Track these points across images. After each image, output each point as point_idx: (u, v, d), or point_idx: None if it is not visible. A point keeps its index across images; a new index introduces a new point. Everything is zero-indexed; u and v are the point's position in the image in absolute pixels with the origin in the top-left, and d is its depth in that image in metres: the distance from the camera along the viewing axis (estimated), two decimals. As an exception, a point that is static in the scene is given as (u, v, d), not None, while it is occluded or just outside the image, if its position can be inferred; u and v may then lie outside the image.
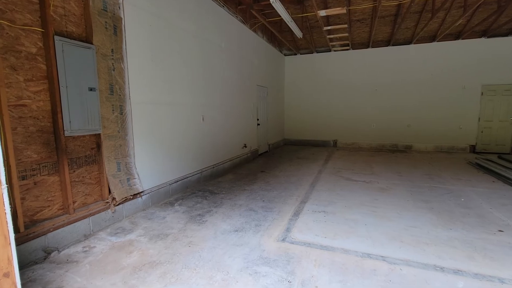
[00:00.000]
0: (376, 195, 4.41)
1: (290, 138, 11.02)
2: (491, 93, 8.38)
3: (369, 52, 9.59)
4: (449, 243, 2.82)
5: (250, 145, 7.58)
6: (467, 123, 8.72)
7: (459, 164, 6.82)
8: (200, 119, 5.20)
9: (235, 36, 6.44)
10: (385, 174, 5.79)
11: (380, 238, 2.93)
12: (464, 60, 8.53)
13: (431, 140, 9.13)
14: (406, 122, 9.34)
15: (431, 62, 8.87)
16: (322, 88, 10.35)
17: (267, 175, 5.81)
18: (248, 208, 3.88)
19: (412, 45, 9.00)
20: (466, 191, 4.59)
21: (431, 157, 7.96)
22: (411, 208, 3.82)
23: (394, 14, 7.63)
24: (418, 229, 3.14)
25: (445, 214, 3.57)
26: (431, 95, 8.98)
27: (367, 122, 9.85)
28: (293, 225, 3.30)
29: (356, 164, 6.87)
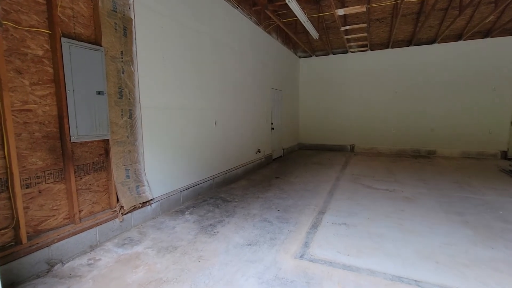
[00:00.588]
0: (401, 205, 4.05)
1: (305, 142, 10.69)
2: (524, 94, 7.74)
3: (388, 52, 9.16)
4: (492, 265, 2.46)
5: (264, 149, 7.35)
6: (497, 127, 8.09)
7: (490, 172, 6.28)
8: (212, 124, 5.03)
9: (249, 38, 6.27)
10: (409, 182, 5.38)
11: (411, 257, 2.60)
12: (494, 59, 7.95)
13: (457, 145, 8.55)
14: (429, 126, 8.81)
15: (457, 62, 8.34)
16: (338, 91, 9.99)
17: (281, 182, 5.55)
18: (262, 218, 3.64)
19: (436, 44, 8.50)
20: (503, 202, 4.14)
21: (458, 163, 7.42)
22: (443, 221, 3.44)
23: (416, 12, 7.23)
24: (454, 247, 2.78)
25: (483, 230, 3.18)
26: (457, 97, 8.42)
27: (386, 126, 9.38)
28: (311, 239, 3.02)
29: (377, 171, 6.48)
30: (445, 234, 3.08)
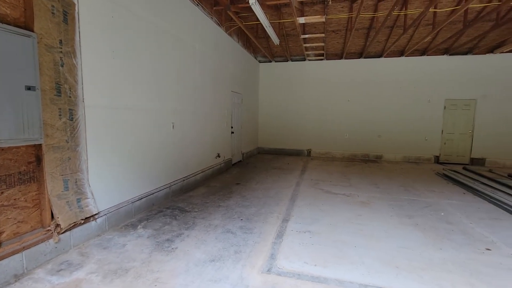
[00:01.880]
0: (359, 210, 4.22)
1: (264, 146, 10.74)
2: (452, 107, 8.92)
3: (342, 63, 9.75)
4: (443, 266, 2.64)
5: (223, 154, 7.11)
6: (432, 135, 9.16)
7: (428, 175, 7.03)
8: (170, 127, 4.64)
9: (210, 37, 6.02)
10: (363, 186, 5.69)
11: (374, 263, 2.66)
12: (429, 75, 9.00)
13: (400, 150, 9.44)
14: (377, 133, 9.58)
15: (400, 76, 9.24)
16: (296, 97, 10.27)
17: (243, 188, 5.39)
18: (225, 229, 3.42)
19: (383, 58, 9.31)
20: (442, 204, 4.60)
21: (401, 167, 8.17)
22: (397, 225, 3.65)
23: (367, 28, 7.79)
24: (410, 250, 2.94)
25: (431, 231, 3.45)
26: (400, 108, 9.32)
27: (340, 132, 9.93)
28: (277, 250, 2.91)
29: (333, 175, 6.74)
30: (400, 238, 3.26)
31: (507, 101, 8.45)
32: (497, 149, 8.64)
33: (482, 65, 8.56)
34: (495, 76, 8.49)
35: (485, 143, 8.72)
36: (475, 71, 8.63)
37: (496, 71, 8.48)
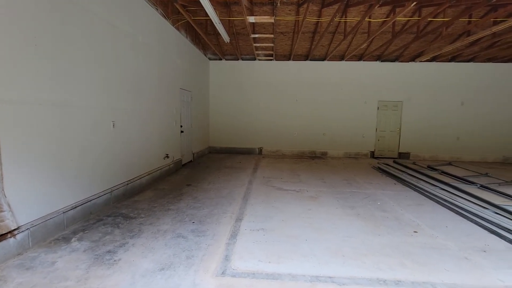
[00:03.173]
0: (308, 204, 4.43)
1: (216, 146, 10.55)
2: (384, 107, 10.05)
3: (290, 64, 10.15)
4: (382, 251, 2.93)
5: (172, 154, 6.75)
6: (368, 133, 10.18)
7: (366, 169, 7.79)
8: (109, 126, 4.19)
9: (155, 30, 5.62)
10: (311, 182, 6.01)
11: (324, 255, 2.81)
12: (365, 78, 9.97)
13: (342, 147, 10.27)
14: (322, 131, 10.24)
15: (341, 78, 10.04)
16: (247, 96, 10.34)
17: (194, 189, 5.18)
18: (176, 234, 3.23)
19: (326, 61, 9.98)
20: (378, 194, 5.13)
21: (344, 162, 8.89)
22: (342, 216, 3.94)
23: (313, 32, 8.24)
24: (354, 239, 3.19)
25: (371, 220, 3.81)
26: (341, 108, 10.13)
27: (289, 131, 10.34)
28: (231, 251, 2.86)
29: (284, 172, 6.97)
30: (345, 228, 3.51)
31: (426, 103, 9.87)
32: (419, 144, 10.04)
33: (406, 71, 9.83)
34: (417, 81, 9.84)
35: (409, 139, 10.05)
36: (401, 76, 9.87)
37: (417, 77, 9.83)
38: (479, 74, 9.67)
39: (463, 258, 2.81)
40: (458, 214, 4.06)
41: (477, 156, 9.93)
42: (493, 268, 2.61)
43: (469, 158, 9.92)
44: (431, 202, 4.68)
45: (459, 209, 4.20)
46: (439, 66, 9.75)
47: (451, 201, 4.51)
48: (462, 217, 3.97)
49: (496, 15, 5.89)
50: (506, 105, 9.68)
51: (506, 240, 3.22)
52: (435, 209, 4.31)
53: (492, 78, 9.65)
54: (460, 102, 9.80)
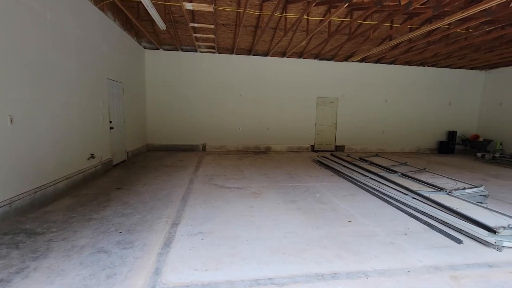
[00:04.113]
0: (251, 202, 4.32)
1: (155, 143, 9.75)
2: (322, 104, 10.66)
3: (233, 58, 9.93)
4: (320, 244, 2.98)
5: (100, 154, 5.91)
6: (308, 127, 10.68)
7: (307, 162, 8.13)
8: (5, 121, 3.36)
9: (70, 8, 4.74)
10: (255, 177, 5.95)
11: (264, 255, 2.71)
12: (305, 75, 10.39)
13: (285, 141, 10.57)
14: (266, 126, 10.35)
15: (283, 75, 10.25)
16: (189, 89, 9.78)
17: (125, 193, 4.60)
18: (96, 249, 2.74)
19: (269, 57, 10.06)
20: (317, 186, 5.35)
21: (287, 156, 9.14)
22: (283, 211, 3.93)
23: (254, 26, 8.15)
24: (295, 234, 3.19)
25: (310, 213, 3.89)
26: (284, 103, 10.38)
27: (234, 126, 10.17)
28: (164, 262, 2.54)
29: (228, 169, 6.78)
30: (286, 224, 3.50)
31: (357, 101, 10.81)
32: (352, 137, 10.96)
33: (341, 70, 10.57)
34: (350, 80, 10.67)
35: (344, 133, 10.90)
36: (336, 75, 10.58)
37: (350, 76, 10.66)
38: (398, 75, 10.99)
39: (389, 243, 3.04)
40: (385, 201, 4.46)
41: (398, 147, 11.34)
42: (413, 250, 2.88)
43: (391, 149, 11.26)
44: (363, 191, 5.07)
45: (385, 197, 4.62)
46: (368, 66, 10.74)
47: (378, 190, 4.95)
48: (388, 203, 4.37)
49: (412, 23, 6.66)
50: (419, 104, 11.24)
51: (421, 222, 3.63)
52: (366, 198, 4.66)
53: (408, 79, 11.07)
54: (384, 99, 11.00)
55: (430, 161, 9.00)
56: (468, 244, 3.03)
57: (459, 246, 2.98)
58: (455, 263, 2.65)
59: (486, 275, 2.46)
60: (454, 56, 9.43)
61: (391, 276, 2.40)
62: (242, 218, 3.64)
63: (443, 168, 7.68)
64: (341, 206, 4.23)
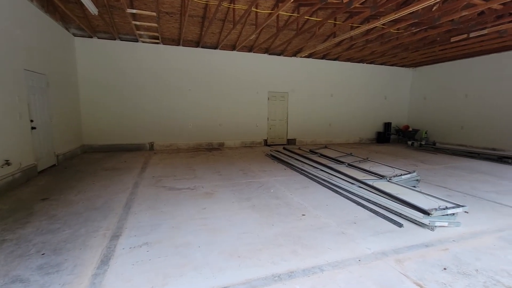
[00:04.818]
0: (203, 203, 4.08)
1: (93, 143, 8.68)
2: (273, 98, 10.78)
3: (180, 49, 9.34)
4: (276, 241, 2.91)
5: (18, 160, 4.97)
6: (260, 122, 10.71)
7: (260, 157, 8.13)
8: None
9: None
10: (207, 176, 5.68)
11: (218, 260, 2.53)
12: (256, 70, 10.34)
13: (238, 137, 10.43)
14: (218, 122, 10.06)
15: (234, 68, 10.03)
16: (131, 83, 8.91)
17: (53, 204, 3.92)
18: (10, 278, 2.22)
19: (218, 50, 9.73)
20: (271, 181, 5.34)
21: (240, 152, 9.02)
22: (238, 211, 3.79)
23: (201, 17, 7.74)
24: (249, 234, 3.07)
25: (265, 210, 3.83)
26: (236, 98, 10.20)
27: (183, 122, 9.64)
28: (100, 284, 2.17)
29: (178, 169, 6.36)
30: (241, 224, 3.36)
31: (306, 95, 11.20)
32: (302, 131, 11.36)
33: (290, 65, 10.80)
34: (298, 74, 10.98)
35: (295, 127, 11.23)
36: (286, 69, 10.77)
37: (299, 71, 10.97)
38: (342, 71, 11.70)
39: (341, 233, 3.14)
40: (334, 192, 4.65)
41: (343, 139, 12.15)
42: (362, 238, 3.01)
43: (338, 141, 12.02)
44: (314, 183, 5.22)
45: (334, 187, 4.83)
46: (315, 62, 11.19)
47: (328, 181, 5.16)
48: (337, 193, 4.56)
49: (353, 21, 7.06)
50: (360, 98, 12.17)
51: (368, 209, 3.85)
52: (318, 190, 4.80)
53: (350, 75, 11.87)
54: (330, 94, 11.62)
55: (370, 150, 9.83)
56: (408, 227, 3.30)
57: (400, 230, 3.22)
58: (398, 246, 2.85)
59: (424, 254, 2.69)
60: (387, 54, 10.37)
61: (344, 267, 2.45)
62: (194, 222, 3.39)
63: (382, 156, 8.44)
64: (294, 199, 4.27)
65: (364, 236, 3.05)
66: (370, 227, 3.30)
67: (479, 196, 4.55)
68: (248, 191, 4.70)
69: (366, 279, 2.28)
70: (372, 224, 3.39)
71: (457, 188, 4.98)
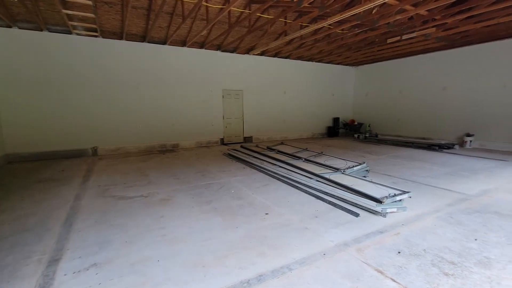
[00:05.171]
0: (160, 211, 3.77)
1: (20, 152, 7.43)
2: (228, 96, 10.61)
3: (124, 44, 8.55)
4: (242, 245, 2.82)
5: None
6: (216, 121, 10.46)
7: (218, 157, 7.92)
8: None
9: None
10: (163, 181, 5.30)
11: (181, 274, 2.33)
12: (208, 67, 10.03)
13: (193, 137, 10.03)
14: (171, 122, 9.52)
15: (185, 65, 9.57)
16: (66, 80, 7.84)
17: (-33, 230, 3.20)
18: None
19: (167, 46, 9.16)
20: (232, 182, 5.22)
21: (196, 153, 8.67)
22: (199, 216, 3.59)
23: (147, 9, 7.16)
24: (213, 240, 2.91)
25: (228, 212, 3.70)
26: (189, 96, 9.76)
27: (132, 124, 8.88)
28: (36, 323, 1.81)
29: (128, 175, 5.81)
30: (203, 229, 3.18)
31: (261, 92, 11.29)
32: (258, 128, 11.45)
33: (243, 62, 10.74)
34: (252, 72, 10.99)
35: (251, 124, 11.25)
36: (240, 67, 10.69)
37: (252, 68, 10.98)
38: (293, 69, 12.08)
39: (304, 228, 3.18)
40: (295, 187, 4.74)
41: (297, 134, 12.60)
42: (325, 231, 3.10)
43: (292, 137, 12.42)
44: (275, 180, 5.26)
45: (294, 183, 4.93)
46: (268, 60, 11.32)
47: (288, 177, 5.25)
48: (297, 189, 4.65)
49: (302, 21, 7.28)
50: (310, 95, 12.73)
51: (327, 202, 4.00)
52: (278, 187, 4.84)
53: (301, 72, 12.34)
54: (283, 91, 11.92)
55: (323, 144, 10.37)
56: (364, 216, 3.51)
57: (358, 219, 3.41)
58: (357, 235, 3.00)
59: (380, 241, 2.88)
60: (334, 53, 11.03)
61: (311, 263, 2.47)
62: (151, 233, 3.10)
63: (334, 149, 8.97)
64: (257, 199, 4.22)
65: (326, 229, 3.15)
66: (330, 219, 3.42)
67: (419, 181, 5.11)
68: (208, 193, 4.51)
69: (333, 272, 2.34)
70: (332, 216, 3.52)
71: (400, 175, 5.53)
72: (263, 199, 4.18)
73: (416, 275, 2.28)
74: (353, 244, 2.81)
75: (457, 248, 2.71)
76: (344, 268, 2.40)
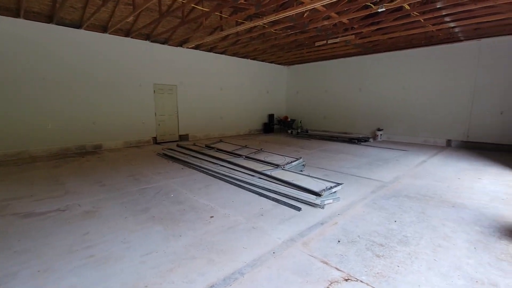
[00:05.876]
0: (84, 226, 3.20)
1: None
2: (160, 91, 9.81)
3: (22, 24, 6.93)
4: (188, 255, 2.61)
5: None
6: (147, 118, 9.57)
7: (152, 157, 7.26)
8: None
9: None
10: (84, 189, 4.53)
11: (119, 300, 2.00)
12: (136, 58, 9.04)
13: (120, 136, 8.95)
14: (92, 120, 8.26)
15: (108, 55, 8.40)
16: None
17: None
18: None
19: (83, 30, 7.85)
20: (170, 184, 4.84)
21: (125, 154, 7.77)
22: (135, 227, 3.18)
23: (54, -17, 5.96)
24: (155, 254, 2.61)
25: (168, 219, 3.39)
26: (114, 90, 8.63)
27: (39, 122, 7.33)
28: None
29: (37, 185, 4.76)
30: (141, 243, 2.83)
31: (196, 88, 10.81)
32: (194, 125, 10.98)
33: (177, 56, 10.07)
34: (187, 67, 10.42)
35: (186, 122, 10.70)
36: (173, 60, 9.99)
37: (187, 63, 10.40)
38: (229, 65, 11.98)
39: (252, 228, 3.16)
40: (237, 186, 4.69)
41: (235, 131, 12.61)
42: (271, 229, 3.14)
43: (230, 134, 12.37)
44: (216, 180, 5.10)
45: (237, 182, 4.87)
46: (203, 54, 10.91)
47: (230, 176, 5.16)
48: (240, 188, 4.61)
49: (238, 17, 7.22)
50: (246, 91, 12.88)
51: (270, 199, 4.08)
52: (221, 187, 4.71)
53: (237, 69, 12.34)
54: (220, 87, 11.71)
55: (261, 140, 10.64)
56: (305, 209, 3.71)
57: (300, 213, 3.58)
58: (302, 229, 3.14)
59: (322, 232, 3.07)
60: (268, 52, 11.37)
61: (262, 264, 2.46)
62: (74, 255, 2.59)
63: (271, 145, 9.29)
64: (199, 201, 4.01)
65: (272, 227, 3.19)
66: (275, 216, 3.49)
67: (345, 172, 5.71)
68: (143, 200, 4.06)
69: (284, 270, 2.37)
70: (277, 212, 3.60)
71: (330, 168, 6.08)
72: (206, 201, 4.00)
73: (355, 261, 2.51)
74: (298, 238, 2.93)
75: (383, 231, 3.10)
76: (294, 264, 2.46)
